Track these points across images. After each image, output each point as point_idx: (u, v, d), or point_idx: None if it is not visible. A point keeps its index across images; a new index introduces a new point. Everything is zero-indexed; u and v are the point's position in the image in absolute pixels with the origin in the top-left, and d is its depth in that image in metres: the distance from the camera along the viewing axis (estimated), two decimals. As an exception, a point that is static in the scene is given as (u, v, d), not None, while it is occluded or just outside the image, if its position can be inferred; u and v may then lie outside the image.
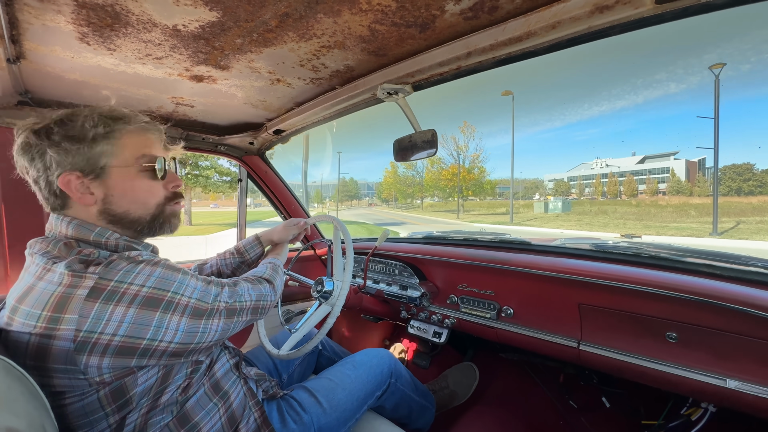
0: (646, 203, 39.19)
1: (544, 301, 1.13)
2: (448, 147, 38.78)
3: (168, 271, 0.64)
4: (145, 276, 0.61)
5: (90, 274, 0.57)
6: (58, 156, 0.63)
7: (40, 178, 0.65)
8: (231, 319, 0.73)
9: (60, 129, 0.64)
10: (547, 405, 1.51)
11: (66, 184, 0.64)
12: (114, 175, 0.67)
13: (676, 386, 0.88)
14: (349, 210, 71.26)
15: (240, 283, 0.80)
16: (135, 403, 0.62)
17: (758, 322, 0.77)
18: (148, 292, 0.60)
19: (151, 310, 0.60)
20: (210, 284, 0.72)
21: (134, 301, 0.58)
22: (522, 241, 1.42)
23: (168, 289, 0.62)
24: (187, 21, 0.71)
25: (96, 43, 0.78)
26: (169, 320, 0.62)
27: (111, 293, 0.57)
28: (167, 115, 1.28)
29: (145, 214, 0.72)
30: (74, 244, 0.64)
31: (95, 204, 0.67)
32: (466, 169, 37.32)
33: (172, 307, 0.62)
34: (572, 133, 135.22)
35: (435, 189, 44.37)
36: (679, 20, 0.64)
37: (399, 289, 1.54)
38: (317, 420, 0.92)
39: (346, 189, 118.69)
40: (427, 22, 0.74)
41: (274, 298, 0.89)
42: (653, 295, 0.90)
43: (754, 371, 0.77)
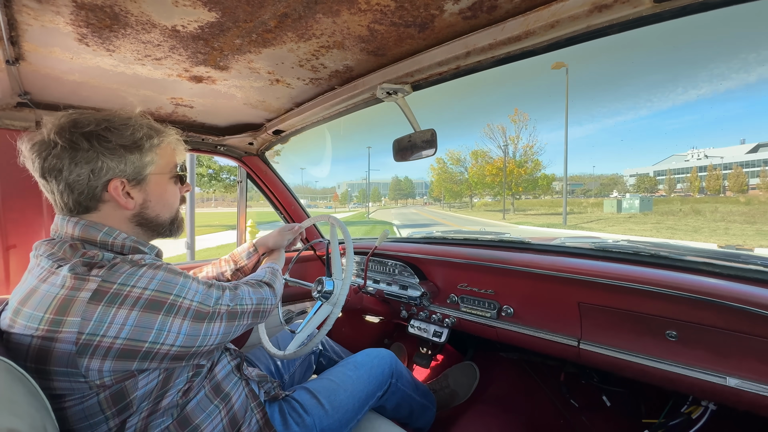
0: (760, 200, 29.52)
1: (544, 300, 1.13)
2: (496, 139, 35.59)
3: (170, 275, 0.65)
4: (147, 279, 0.61)
5: (93, 276, 0.58)
6: (113, 162, 0.67)
7: (79, 182, 0.65)
8: (233, 322, 0.74)
9: (113, 137, 0.67)
10: (548, 404, 1.51)
11: (114, 189, 0.68)
12: (152, 182, 0.74)
13: (676, 384, 0.88)
14: (396, 209, 68.25)
15: (241, 287, 0.80)
16: (135, 406, 0.62)
17: (757, 320, 0.77)
18: (150, 295, 0.60)
19: (153, 313, 0.60)
20: (211, 287, 0.72)
21: (137, 304, 0.59)
22: (522, 240, 1.42)
23: (170, 292, 0.63)
24: (186, 22, 0.71)
25: (95, 44, 0.78)
26: (171, 323, 0.62)
27: (114, 296, 0.57)
28: (166, 115, 1.28)
29: (169, 217, 0.79)
30: (79, 245, 0.65)
31: (133, 208, 0.71)
32: (516, 163, 33.74)
33: (175, 310, 0.63)
34: (661, 121, 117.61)
35: (481, 186, 40.26)
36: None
37: (399, 288, 1.54)
38: (319, 422, 0.92)
39: (399, 187, 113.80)
40: (426, 22, 0.74)
41: (274, 302, 0.89)
42: (653, 293, 0.90)
43: (754, 369, 0.78)
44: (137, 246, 0.72)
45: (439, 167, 50.05)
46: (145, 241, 0.76)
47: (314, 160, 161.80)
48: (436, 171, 51.08)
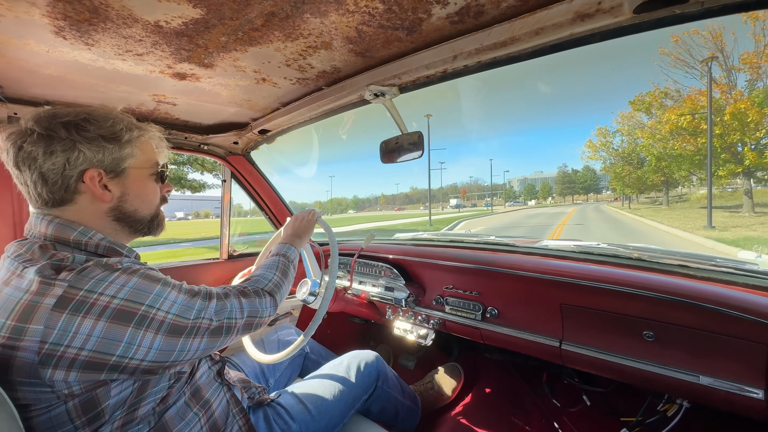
0: None
1: (528, 301, 1.15)
2: (694, 62, 18.90)
3: (145, 282, 0.60)
4: (118, 286, 0.57)
5: (59, 281, 0.55)
6: (90, 152, 0.65)
7: (53, 171, 0.63)
8: (216, 338, 0.68)
9: (92, 127, 0.65)
10: (530, 403, 1.53)
11: (91, 179, 0.65)
12: (131, 176, 0.71)
13: (652, 383, 0.91)
14: (571, 206, 56.69)
15: (232, 296, 0.75)
16: (108, 415, 0.59)
17: (728, 320, 0.80)
18: (119, 304, 0.56)
19: (122, 324, 0.56)
20: (195, 297, 0.67)
21: (104, 314, 0.55)
22: (507, 242, 1.44)
23: (142, 302, 0.59)
24: (170, 17, 0.69)
25: (73, 38, 0.76)
26: (142, 337, 0.57)
27: (79, 304, 0.54)
28: (148, 113, 1.25)
29: (148, 214, 0.76)
30: (50, 246, 0.62)
31: (110, 201, 0.69)
32: (755, 99, 15.36)
33: (146, 323, 0.58)
34: None
35: (676, 163, 21.35)
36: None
37: (385, 290, 1.54)
38: (305, 427, 0.91)
39: (568, 180, 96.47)
40: (413, 25, 0.75)
41: (272, 313, 0.82)
42: (631, 295, 0.93)
43: (725, 367, 0.81)
44: (113, 247, 0.68)
45: (603, 142, 31.93)
46: (122, 241, 0.73)
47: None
48: (594, 147, 32.84)
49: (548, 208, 57.25)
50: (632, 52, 64.82)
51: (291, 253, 0.98)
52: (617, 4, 0.61)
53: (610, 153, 33.22)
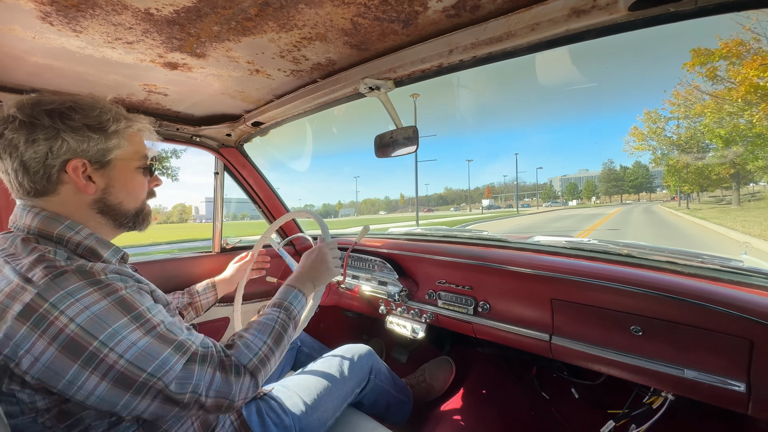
0: None
1: (519, 296, 1.16)
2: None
3: (112, 309, 0.54)
4: (81, 307, 0.52)
5: (30, 287, 0.52)
6: (74, 142, 0.62)
7: (35, 160, 0.60)
8: (170, 407, 0.57)
9: (78, 116, 0.63)
10: (520, 396, 1.56)
11: (74, 170, 0.63)
12: (117, 167, 0.69)
13: (639, 376, 0.93)
14: (613, 207, 48.53)
15: (208, 365, 0.61)
16: (90, 422, 0.57)
17: (713, 316, 0.82)
18: (74, 331, 0.51)
19: (69, 358, 0.51)
20: (165, 344, 0.57)
21: (57, 339, 0.50)
22: (499, 238, 1.45)
23: (97, 335, 0.52)
24: (161, 5, 0.68)
25: (60, 24, 0.74)
26: (86, 379, 0.51)
27: (40, 319, 0.51)
28: (138, 103, 1.23)
29: (133, 208, 0.74)
30: (32, 239, 0.60)
31: (94, 193, 0.67)
32: None
33: (94, 363, 0.51)
34: None
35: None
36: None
37: (378, 284, 1.55)
38: (298, 421, 0.91)
39: (614, 177, 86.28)
40: (409, 18, 0.74)
41: (248, 396, 0.67)
42: (620, 290, 0.95)
43: (709, 361, 0.83)
44: (95, 247, 0.65)
45: (652, 128, 25.72)
46: (108, 236, 0.71)
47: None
48: (640, 135, 26.33)
49: (587, 209, 49.85)
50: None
51: (295, 306, 0.83)
52: (612, 1, 0.62)
53: (662, 141, 26.04)
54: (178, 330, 0.62)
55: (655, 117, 26.42)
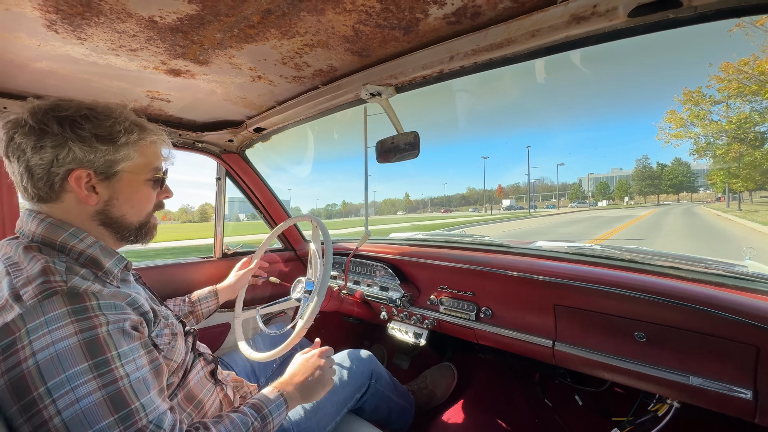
0: None
1: (522, 302, 1.15)
2: None
3: (76, 350, 0.50)
4: (49, 340, 0.49)
5: (18, 306, 0.51)
6: (81, 152, 0.61)
7: (40, 166, 0.60)
8: None
9: (89, 125, 0.62)
10: (523, 404, 1.54)
11: (77, 180, 0.62)
12: (124, 179, 0.68)
13: (643, 383, 0.92)
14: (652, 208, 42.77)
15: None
16: None
17: (718, 322, 0.81)
18: (29, 368, 0.48)
19: (12, 397, 0.48)
20: (112, 409, 0.50)
21: (11, 371, 0.48)
22: (501, 243, 1.45)
23: (46, 380, 0.48)
24: (165, 12, 0.69)
25: (65, 32, 0.74)
26: (19, 427, 0.48)
27: (10, 344, 0.49)
28: (142, 109, 1.24)
29: (136, 221, 0.72)
30: (35, 248, 0.60)
31: (96, 204, 0.66)
32: None
33: (30, 413, 0.48)
34: None
35: None
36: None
37: (379, 290, 1.54)
38: (297, 425, 0.91)
39: (648, 176, 76.95)
40: (410, 25, 0.75)
41: None
42: (623, 296, 0.94)
43: (714, 368, 0.82)
44: (98, 257, 0.64)
45: (692, 113, 20.81)
46: (111, 247, 0.70)
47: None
48: (679, 120, 21.35)
49: (615, 211, 43.62)
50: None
51: (273, 419, 0.74)
52: (612, 7, 0.62)
53: (706, 127, 20.32)
54: (143, 389, 0.55)
55: (698, 97, 20.57)
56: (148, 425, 0.53)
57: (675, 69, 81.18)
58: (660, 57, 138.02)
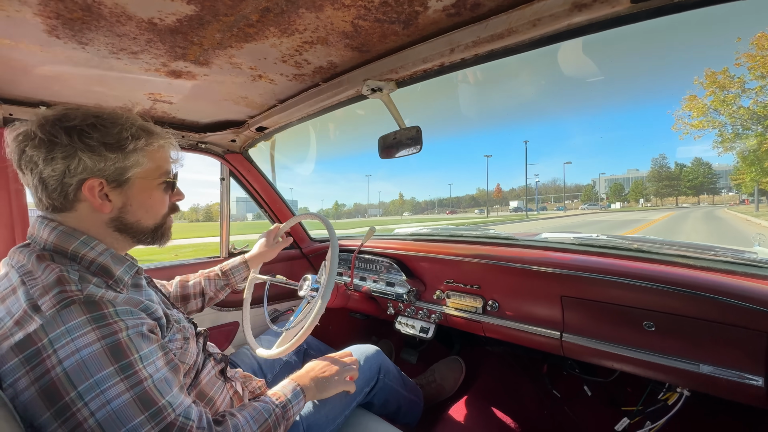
0: None
1: (528, 294, 1.15)
2: None
3: (102, 356, 0.52)
4: (73, 348, 0.51)
5: (38, 317, 0.52)
6: (91, 161, 0.62)
7: (53, 178, 0.61)
8: None
9: (97, 134, 0.62)
10: (532, 395, 1.54)
11: (90, 189, 0.63)
12: (136, 185, 0.68)
13: (653, 372, 0.92)
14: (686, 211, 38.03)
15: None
16: None
17: (728, 309, 0.80)
18: (58, 375, 0.50)
19: (45, 404, 0.50)
20: (141, 408, 0.53)
21: (40, 380, 0.50)
22: (507, 236, 1.44)
23: (76, 385, 0.50)
24: (164, 14, 0.69)
25: (66, 37, 0.75)
26: (53, 431, 0.50)
27: (35, 354, 0.50)
28: (144, 112, 1.24)
29: (152, 224, 0.73)
30: (47, 256, 0.60)
31: (110, 212, 0.66)
32: None
33: (64, 417, 0.50)
34: None
35: None
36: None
37: (386, 285, 1.55)
38: (306, 418, 0.92)
39: (666, 177, 70.72)
40: (410, 18, 0.74)
41: None
42: (631, 285, 0.93)
43: (725, 356, 0.81)
44: (109, 265, 0.65)
45: (716, 98, 17.27)
46: (125, 250, 0.71)
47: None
48: (703, 110, 17.89)
49: (627, 214, 40.40)
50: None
51: (293, 406, 0.80)
52: (615, -7, 0.61)
53: (735, 115, 16.61)
54: (166, 387, 0.57)
55: (725, 80, 16.88)
56: (177, 419, 0.56)
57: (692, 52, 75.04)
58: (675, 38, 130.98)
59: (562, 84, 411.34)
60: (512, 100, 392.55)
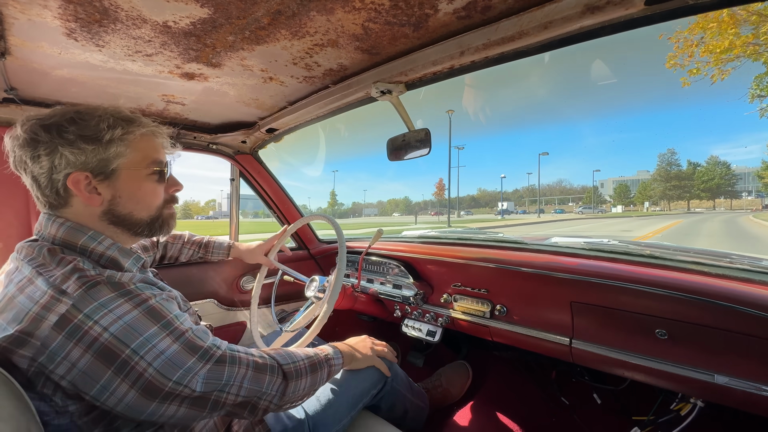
0: None
1: (537, 299, 1.14)
2: None
3: (143, 318, 0.57)
4: (114, 317, 0.55)
5: (66, 299, 0.54)
6: (72, 155, 0.62)
7: (42, 175, 0.62)
8: (198, 410, 0.60)
9: (74, 127, 0.63)
10: (539, 402, 1.52)
11: (75, 183, 0.63)
12: (123, 177, 0.68)
13: (665, 382, 0.90)
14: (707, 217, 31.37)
15: (239, 365, 0.65)
16: (121, 422, 0.59)
17: (744, 318, 0.78)
18: (107, 339, 0.53)
19: (104, 364, 0.53)
20: (191, 352, 0.59)
21: (92, 347, 0.53)
22: (516, 240, 1.43)
23: (129, 344, 0.54)
24: (178, 18, 0.70)
25: (84, 39, 0.77)
26: (117, 386, 0.54)
27: (75, 328, 0.53)
28: (158, 112, 1.27)
29: (146, 216, 0.72)
30: (58, 250, 0.61)
31: (101, 205, 0.66)
32: None
33: (125, 371, 0.54)
34: None
35: None
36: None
37: (393, 288, 1.54)
38: (312, 417, 0.92)
39: (683, 176, 60.79)
40: (420, 21, 0.74)
41: (275, 401, 0.69)
42: (644, 292, 0.91)
43: (741, 366, 0.79)
44: (117, 258, 0.67)
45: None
46: (127, 245, 0.72)
47: None
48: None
49: (627, 220, 34.90)
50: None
51: (335, 360, 0.87)
52: (628, -5, 0.60)
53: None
54: (206, 335, 0.64)
55: None
56: (225, 352, 0.64)
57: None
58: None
59: (574, 85, 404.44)
60: (525, 100, 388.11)
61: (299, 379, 0.74)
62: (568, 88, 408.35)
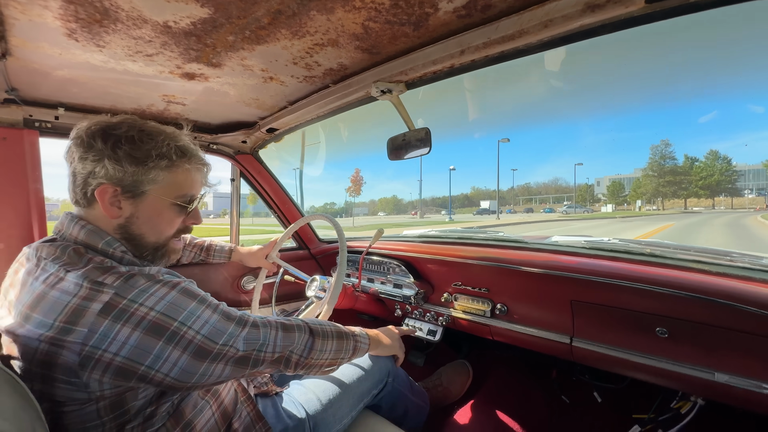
0: None
1: (538, 298, 1.14)
2: None
3: (182, 297, 0.62)
4: (157, 298, 0.59)
5: (107, 288, 0.57)
6: (113, 170, 0.65)
7: (81, 175, 0.66)
8: (241, 368, 0.68)
9: (128, 147, 0.66)
10: (540, 401, 1.52)
11: (101, 193, 0.66)
12: (149, 200, 0.70)
13: (665, 380, 0.90)
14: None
15: (270, 327, 0.73)
16: (133, 414, 0.62)
17: (744, 316, 0.78)
18: (155, 316, 0.58)
19: (154, 337, 0.58)
20: (229, 320, 0.67)
21: (140, 324, 0.57)
22: (516, 239, 1.43)
23: (175, 317, 0.60)
24: (178, 18, 0.70)
25: (84, 40, 0.77)
26: (170, 353, 0.59)
27: (121, 312, 0.56)
28: (158, 113, 1.27)
29: (153, 241, 0.74)
30: (83, 250, 0.64)
31: (118, 218, 0.69)
32: None
33: (176, 340, 0.59)
34: None
35: None
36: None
37: (393, 287, 1.54)
38: (313, 416, 0.92)
39: (678, 171, 56.03)
40: (420, 20, 0.74)
41: (304, 355, 0.77)
42: (644, 291, 0.92)
43: (742, 364, 0.79)
44: (134, 262, 0.69)
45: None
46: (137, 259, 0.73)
47: None
48: None
49: (610, 221, 29.37)
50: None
51: (361, 337, 0.93)
52: (629, -7, 0.60)
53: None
54: (234, 310, 0.70)
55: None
56: (256, 319, 0.72)
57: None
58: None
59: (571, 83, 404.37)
60: (523, 99, 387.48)
61: (326, 339, 0.82)
62: (568, 87, 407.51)
